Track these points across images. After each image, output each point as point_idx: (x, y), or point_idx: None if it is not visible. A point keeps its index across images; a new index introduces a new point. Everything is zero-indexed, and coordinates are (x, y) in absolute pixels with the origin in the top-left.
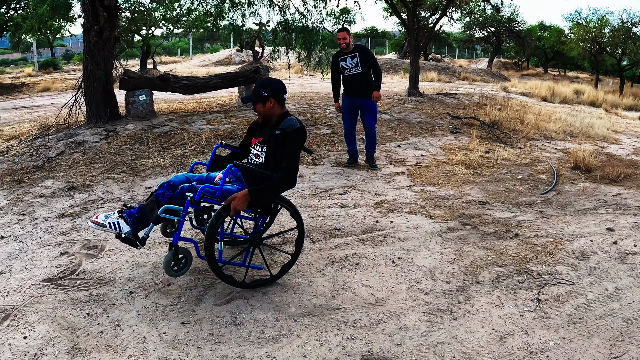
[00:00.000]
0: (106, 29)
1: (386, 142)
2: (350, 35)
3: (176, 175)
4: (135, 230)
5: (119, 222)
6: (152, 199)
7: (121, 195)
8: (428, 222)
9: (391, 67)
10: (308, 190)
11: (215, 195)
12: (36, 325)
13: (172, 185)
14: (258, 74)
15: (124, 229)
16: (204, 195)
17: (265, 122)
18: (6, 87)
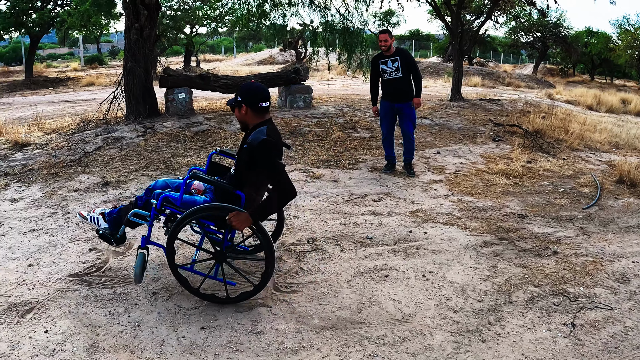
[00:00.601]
0: (147, 27)
1: (425, 148)
2: (392, 38)
3: (157, 180)
4: (113, 229)
5: (98, 218)
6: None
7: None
8: (463, 235)
9: (434, 71)
10: (342, 195)
11: (176, 204)
12: (58, 320)
13: (151, 190)
14: (298, 74)
15: (101, 225)
16: (165, 204)
17: (244, 130)
18: (52, 80)
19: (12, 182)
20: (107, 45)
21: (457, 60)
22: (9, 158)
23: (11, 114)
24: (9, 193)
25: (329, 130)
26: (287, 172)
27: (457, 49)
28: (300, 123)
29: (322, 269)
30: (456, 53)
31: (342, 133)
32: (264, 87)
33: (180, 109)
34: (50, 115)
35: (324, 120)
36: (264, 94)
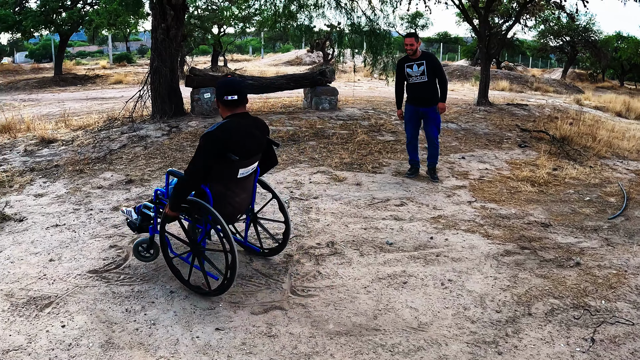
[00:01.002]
0: (173, 28)
1: (450, 153)
2: (419, 42)
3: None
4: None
5: (131, 211)
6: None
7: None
8: (485, 243)
9: (462, 75)
10: (364, 199)
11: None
12: (75, 315)
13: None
14: (324, 76)
15: (133, 217)
16: (159, 198)
17: None
18: (81, 78)
19: (37, 178)
20: (136, 43)
21: (484, 64)
22: (35, 154)
23: (39, 110)
24: (34, 188)
25: (353, 133)
26: (236, 168)
27: (485, 52)
28: (325, 125)
29: (341, 273)
30: (483, 57)
31: (366, 136)
32: (232, 81)
33: (205, 109)
34: (77, 112)
35: (349, 123)
36: (230, 87)
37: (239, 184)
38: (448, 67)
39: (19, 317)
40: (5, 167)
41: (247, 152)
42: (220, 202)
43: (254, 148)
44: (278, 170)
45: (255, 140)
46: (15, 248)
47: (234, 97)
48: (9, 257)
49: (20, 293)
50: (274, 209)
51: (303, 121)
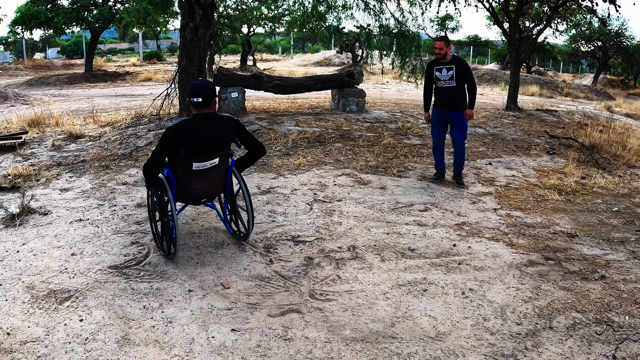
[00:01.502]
0: (201, 27)
1: (477, 158)
2: (449, 46)
3: None
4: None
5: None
6: None
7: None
8: (508, 252)
9: (491, 78)
10: (388, 203)
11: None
12: (94, 310)
13: None
14: (352, 78)
15: None
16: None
17: None
18: (111, 75)
19: (64, 172)
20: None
21: (514, 69)
22: (62, 149)
23: (69, 106)
24: (60, 183)
25: (379, 136)
26: (189, 161)
27: (515, 56)
28: (351, 127)
29: (360, 278)
30: (513, 61)
31: (393, 139)
32: (199, 85)
33: (232, 108)
34: (106, 108)
35: (376, 125)
36: (196, 90)
37: (196, 174)
38: (477, 71)
39: (38, 310)
40: (33, 161)
41: (200, 150)
42: (180, 186)
43: (209, 147)
44: (303, 171)
45: (211, 140)
46: (38, 241)
47: (199, 100)
48: (32, 250)
49: (41, 286)
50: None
51: (330, 122)
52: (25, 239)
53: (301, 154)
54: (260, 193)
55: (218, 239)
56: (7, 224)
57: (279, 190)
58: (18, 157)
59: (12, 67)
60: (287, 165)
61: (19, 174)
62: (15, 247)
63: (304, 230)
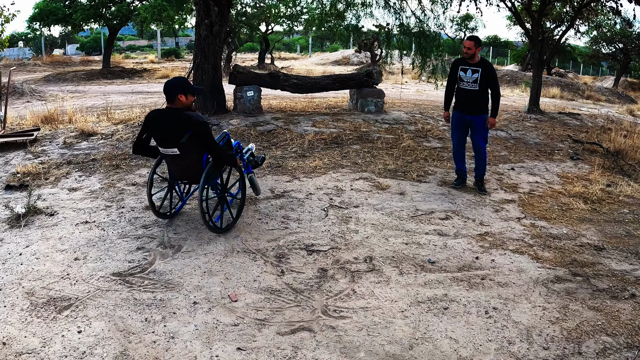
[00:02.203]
0: (217, 24)
1: (499, 163)
2: (479, 47)
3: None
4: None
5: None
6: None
7: (211, 192)
8: (534, 267)
9: (511, 80)
10: (407, 210)
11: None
12: (93, 321)
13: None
14: (371, 77)
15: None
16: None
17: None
18: (128, 71)
19: (73, 171)
20: (185, 39)
21: (536, 70)
22: (74, 146)
23: (84, 102)
24: (68, 182)
25: (399, 138)
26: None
27: (537, 57)
28: (370, 128)
29: (377, 293)
30: (535, 62)
31: (412, 141)
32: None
33: (248, 107)
34: (121, 105)
35: (395, 127)
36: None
37: (165, 157)
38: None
39: (36, 318)
40: (43, 159)
41: (155, 137)
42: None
43: (162, 137)
44: (319, 174)
45: (161, 132)
46: (42, 244)
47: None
48: (35, 253)
49: (41, 292)
50: None
51: (347, 123)
52: (29, 240)
53: (317, 156)
54: (273, 197)
55: (227, 246)
56: (12, 224)
57: (293, 195)
58: (29, 155)
59: (30, 63)
60: (302, 168)
61: (28, 172)
62: (18, 249)
63: (318, 238)
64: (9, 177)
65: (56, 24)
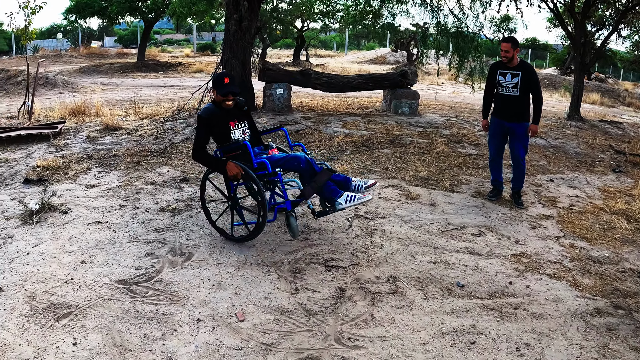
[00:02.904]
0: (246, 19)
1: (537, 173)
2: (517, 48)
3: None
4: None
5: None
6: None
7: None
8: (572, 296)
9: (550, 84)
10: (438, 224)
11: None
12: (91, 332)
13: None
14: (405, 78)
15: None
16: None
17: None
18: (162, 65)
19: (93, 167)
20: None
21: (577, 75)
22: (97, 141)
23: (115, 95)
24: (87, 178)
25: (432, 143)
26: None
27: (579, 62)
28: (402, 131)
29: (398, 320)
30: (577, 66)
31: (446, 147)
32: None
33: (277, 105)
34: (151, 99)
35: (429, 131)
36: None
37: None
38: (540, 84)
39: (34, 325)
40: (65, 153)
41: None
42: None
43: None
44: None
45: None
46: (51, 243)
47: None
48: (42, 253)
49: (43, 297)
50: None
51: (379, 125)
52: (39, 239)
53: (346, 160)
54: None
55: (241, 257)
56: (25, 220)
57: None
58: (51, 148)
59: (67, 54)
60: None
61: (48, 166)
62: (27, 248)
63: (339, 252)
64: (29, 170)
65: (92, 16)
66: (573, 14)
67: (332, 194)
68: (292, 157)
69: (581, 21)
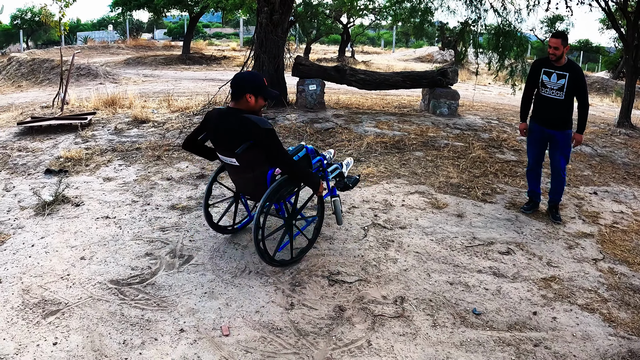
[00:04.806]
0: (278, 12)
1: (580, 184)
2: (567, 46)
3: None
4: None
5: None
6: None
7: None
8: (604, 333)
9: (601, 88)
10: (462, 238)
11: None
12: (72, 333)
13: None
14: (445, 77)
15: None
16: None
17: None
18: (207, 58)
19: (115, 159)
20: None
21: (629, 79)
22: (123, 133)
23: (154, 87)
24: (107, 171)
25: (469, 147)
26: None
27: (631, 65)
28: (438, 133)
29: (397, 350)
30: (629, 70)
31: (483, 152)
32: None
33: (309, 102)
34: (187, 92)
35: (467, 133)
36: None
37: (227, 166)
38: (587, 79)
39: (21, 320)
40: (90, 144)
41: (214, 142)
42: None
43: (217, 142)
44: (370, 183)
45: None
46: (57, 236)
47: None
48: (46, 246)
49: (37, 291)
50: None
51: (414, 126)
52: (46, 231)
53: (373, 162)
54: (310, 207)
55: (241, 263)
56: (38, 211)
57: None
58: (78, 139)
59: (114, 46)
60: (352, 175)
61: (71, 157)
62: (33, 239)
63: (347, 265)
64: (52, 161)
65: (138, 9)
66: (626, 14)
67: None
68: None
69: (634, 21)
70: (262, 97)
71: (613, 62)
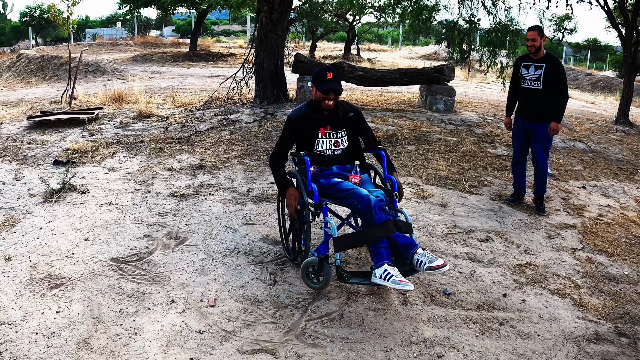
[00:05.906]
0: (277, 11)
1: (570, 179)
2: (543, 37)
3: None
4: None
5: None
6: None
7: (239, 186)
8: (572, 316)
9: (606, 86)
10: (443, 226)
11: None
12: (74, 303)
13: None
14: (441, 73)
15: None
16: None
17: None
18: (214, 55)
19: (120, 151)
20: None
21: (628, 77)
22: (128, 127)
23: (160, 83)
24: (112, 162)
25: (461, 141)
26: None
27: (630, 63)
28: (431, 128)
29: (367, 323)
30: (628, 67)
31: (475, 146)
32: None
33: (308, 97)
34: (192, 88)
35: (460, 129)
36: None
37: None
38: (592, 77)
39: (28, 292)
40: (96, 137)
41: None
42: None
43: None
44: None
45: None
46: (63, 220)
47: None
48: (53, 229)
49: (43, 268)
50: None
51: (408, 121)
52: (53, 216)
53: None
54: None
55: (231, 245)
56: (46, 198)
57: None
58: (85, 132)
59: (122, 42)
60: None
61: (78, 149)
62: (41, 223)
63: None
64: (60, 152)
65: (145, 6)
66: (624, 11)
67: (374, 258)
68: (352, 194)
69: (632, 19)
70: (318, 88)
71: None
